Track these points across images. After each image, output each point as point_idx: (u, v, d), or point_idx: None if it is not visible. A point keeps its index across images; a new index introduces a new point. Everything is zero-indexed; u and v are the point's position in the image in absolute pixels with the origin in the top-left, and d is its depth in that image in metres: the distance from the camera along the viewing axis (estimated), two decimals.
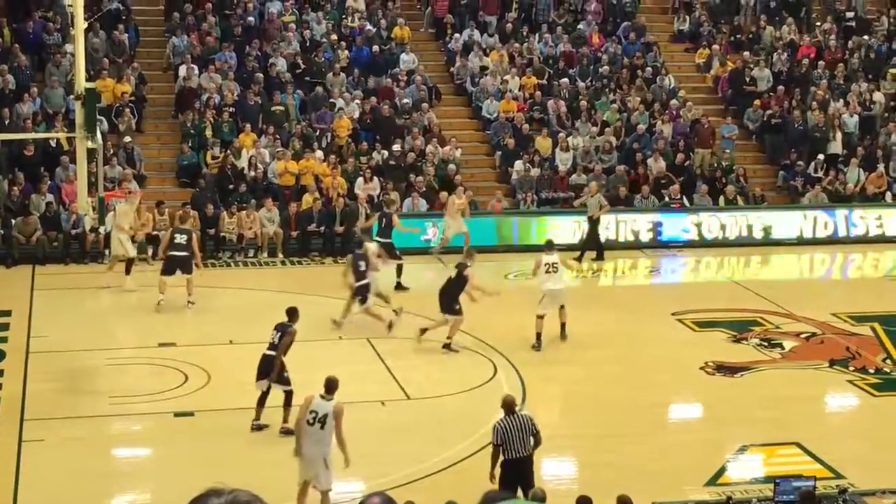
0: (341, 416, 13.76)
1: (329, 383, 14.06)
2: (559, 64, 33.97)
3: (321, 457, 13.77)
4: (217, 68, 31.27)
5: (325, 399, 13.85)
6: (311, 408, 13.86)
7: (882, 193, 31.28)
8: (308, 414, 13.84)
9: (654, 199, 29.80)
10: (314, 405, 13.86)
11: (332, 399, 13.85)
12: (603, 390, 19.02)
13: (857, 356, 20.84)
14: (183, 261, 22.55)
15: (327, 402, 13.81)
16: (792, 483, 13.32)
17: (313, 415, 13.79)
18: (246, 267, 26.66)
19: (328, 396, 13.88)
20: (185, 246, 22.58)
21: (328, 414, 13.70)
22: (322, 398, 13.87)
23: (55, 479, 15.29)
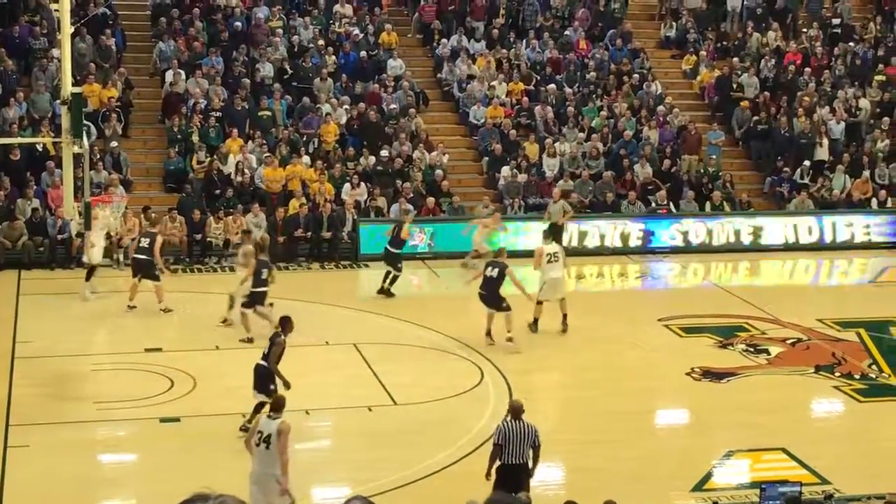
0: (287, 434, 13.22)
1: (276, 402, 13.71)
2: (546, 70, 34.01)
3: (272, 478, 13.26)
4: (204, 73, 31.23)
5: (271, 418, 13.39)
6: (258, 428, 13.44)
7: (868, 200, 31.37)
8: (255, 434, 13.41)
9: (640, 205, 29.85)
10: (261, 425, 13.44)
11: (278, 418, 13.37)
12: (589, 396, 19.03)
13: (843, 362, 20.89)
14: (144, 264, 22.50)
15: (272, 420, 13.34)
16: (778, 488, 13.34)
17: (259, 435, 13.32)
18: (233, 272, 26.55)
19: (274, 415, 13.41)
20: (148, 249, 22.50)
21: (272, 434, 13.20)
22: (269, 417, 13.45)
23: (40, 485, 15.24)
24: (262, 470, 13.32)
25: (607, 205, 29.66)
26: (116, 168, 28.44)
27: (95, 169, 27.04)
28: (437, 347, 21.15)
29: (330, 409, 18.35)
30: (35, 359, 19.95)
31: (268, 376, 16.34)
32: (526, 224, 28.39)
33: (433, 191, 29.19)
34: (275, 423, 13.33)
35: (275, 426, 13.27)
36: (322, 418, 18.02)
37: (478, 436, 16.40)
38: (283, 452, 13.24)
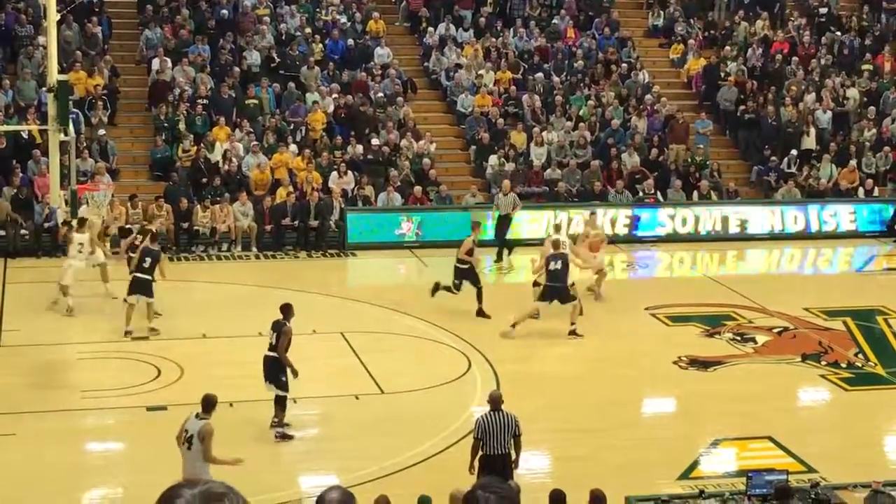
0: (209, 437, 12.97)
1: (205, 401, 13.40)
2: (534, 58, 33.99)
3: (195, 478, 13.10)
4: (190, 61, 31.14)
5: (199, 418, 13.13)
6: (184, 426, 13.21)
7: (855, 189, 31.42)
8: (182, 431, 13.18)
9: (628, 194, 29.86)
10: (187, 423, 13.18)
11: (205, 419, 13.11)
12: (576, 385, 19.05)
13: (830, 351, 20.94)
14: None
15: (199, 421, 13.08)
16: (764, 477, 13.37)
17: (184, 433, 13.10)
18: (220, 261, 26.58)
19: (202, 415, 13.16)
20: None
21: (194, 435, 12.97)
22: (196, 417, 13.17)
23: (27, 474, 15.21)
24: (187, 469, 13.09)
25: (595, 194, 29.66)
26: (103, 156, 28.35)
27: (81, 157, 26.96)
28: (425, 336, 21.15)
29: (317, 397, 18.33)
30: (21, 347, 19.91)
31: (278, 367, 16.25)
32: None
33: (420, 179, 29.16)
34: (200, 423, 13.06)
35: (198, 427, 13.00)
36: (309, 407, 18.01)
37: (465, 425, 16.40)
38: (207, 457, 12.94)
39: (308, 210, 27.60)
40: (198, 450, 13.00)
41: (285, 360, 16.30)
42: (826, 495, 13.39)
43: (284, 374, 16.22)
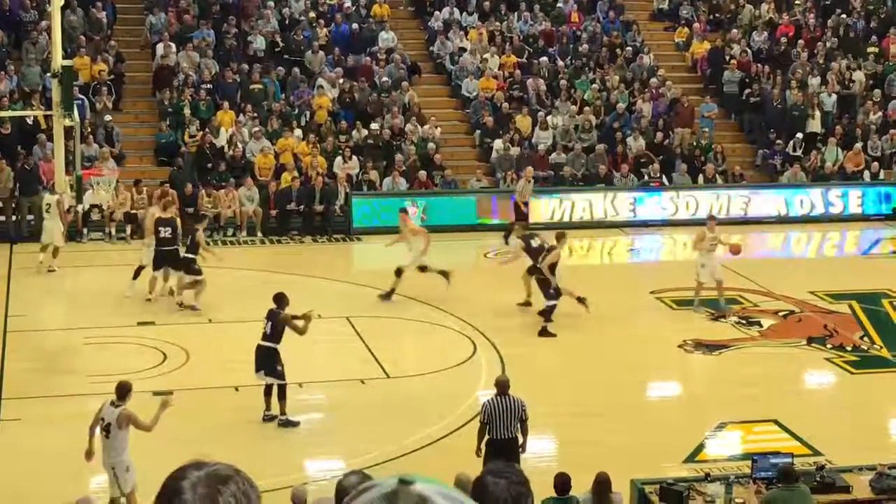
0: (130, 422, 12.96)
1: (119, 389, 13.29)
2: (539, 42, 33.92)
3: (111, 466, 13.04)
4: (195, 46, 31.11)
5: (114, 406, 13.05)
6: (100, 414, 13.12)
7: (860, 172, 31.37)
8: (98, 420, 13.11)
9: (633, 177, 29.83)
10: (103, 411, 13.10)
11: (121, 405, 13.03)
12: (581, 368, 19.06)
13: (835, 334, 20.93)
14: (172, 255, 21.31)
15: (115, 408, 13.00)
16: (770, 460, 13.37)
17: (101, 422, 13.05)
18: (225, 246, 26.58)
19: (118, 403, 13.07)
20: (171, 239, 21.33)
21: (112, 423, 12.92)
22: (112, 405, 13.09)
23: (33, 458, 15.25)
24: (103, 456, 13.12)
25: (600, 177, 29.63)
26: (108, 142, 28.35)
27: (86, 142, 26.96)
28: (430, 321, 21.16)
29: (322, 382, 18.37)
30: (27, 332, 19.94)
31: (272, 357, 16.21)
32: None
33: (425, 164, 29.13)
34: (116, 411, 13.00)
35: (116, 415, 12.95)
36: (314, 391, 18.06)
37: (470, 409, 16.43)
38: (147, 429, 13.06)
39: (313, 195, 27.59)
40: (115, 437, 12.99)
41: (295, 325, 16.24)
42: (831, 478, 13.40)
43: (280, 364, 16.16)
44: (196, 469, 2.60)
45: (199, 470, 2.59)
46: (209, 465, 2.62)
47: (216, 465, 2.62)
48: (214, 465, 2.62)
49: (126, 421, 12.99)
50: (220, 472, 2.59)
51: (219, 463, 2.63)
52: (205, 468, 2.60)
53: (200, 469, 2.60)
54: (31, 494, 14.05)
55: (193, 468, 2.60)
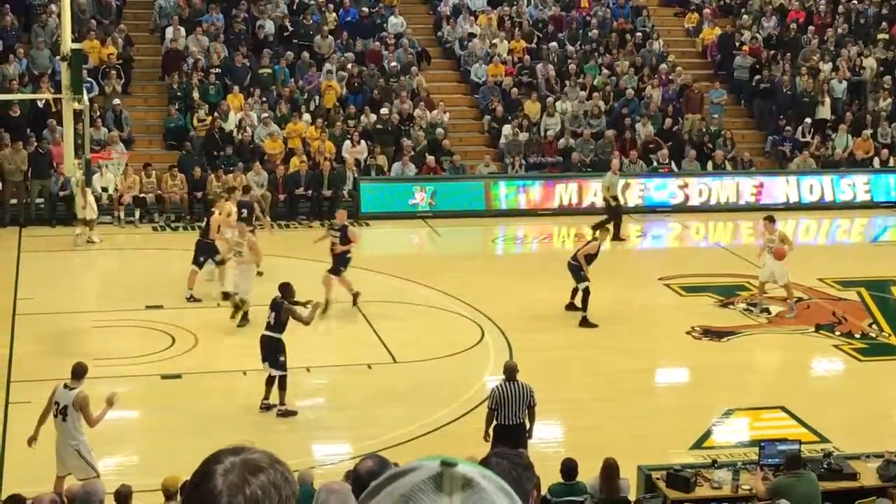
0: (86, 405, 12.86)
1: (74, 370, 13.21)
2: (548, 28, 33.85)
3: (72, 449, 12.93)
4: (204, 30, 31.10)
5: (68, 388, 12.94)
6: (54, 398, 12.98)
7: (870, 159, 31.30)
8: (52, 404, 12.96)
9: (642, 163, 29.78)
10: (57, 395, 12.96)
11: (75, 388, 12.92)
12: (589, 355, 19.05)
13: (843, 321, 20.91)
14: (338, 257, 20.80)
15: (69, 391, 12.89)
16: (777, 446, 13.37)
17: (56, 405, 12.89)
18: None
19: (72, 384, 12.96)
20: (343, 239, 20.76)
21: (68, 406, 12.82)
22: (65, 387, 12.97)
23: (42, 442, 15.26)
24: (61, 441, 12.99)
25: (609, 163, 29.55)
26: (117, 125, 28.35)
27: (95, 126, 26.98)
28: (438, 306, 21.18)
29: (330, 366, 18.40)
30: (36, 315, 19.97)
31: (275, 347, 16.20)
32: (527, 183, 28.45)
33: (434, 149, 29.11)
34: (71, 393, 12.89)
35: (71, 397, 12.84)
36: (322, 376, 18.09)
37: (477, 394, 16.45)
38: (90, 423, 12.88)
39: (321, 180, 27.58)
40: (73, 419, 12.88)
41: (300, 315, 16.18)
42: (838, 465, 13.40)
43: (283, 355, 16.11)
44: (233, 454, 2.60)
45: (235, 455, 2.59)
46: (247, 451, 2.61)
47: (255, 453, 2.61)
48: (252, 453, 2.61)
49: (85, 403, 12.88)
50: (255, 460, 2.59)
51: (258, 451, 2.62)
52: (242, 454, 2.60)
53: (237, 455, 2.59)
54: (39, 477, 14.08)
55: (231, 453, 2.60)
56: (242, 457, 2.58)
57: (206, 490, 2.52)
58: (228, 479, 2.51)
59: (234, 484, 2.51)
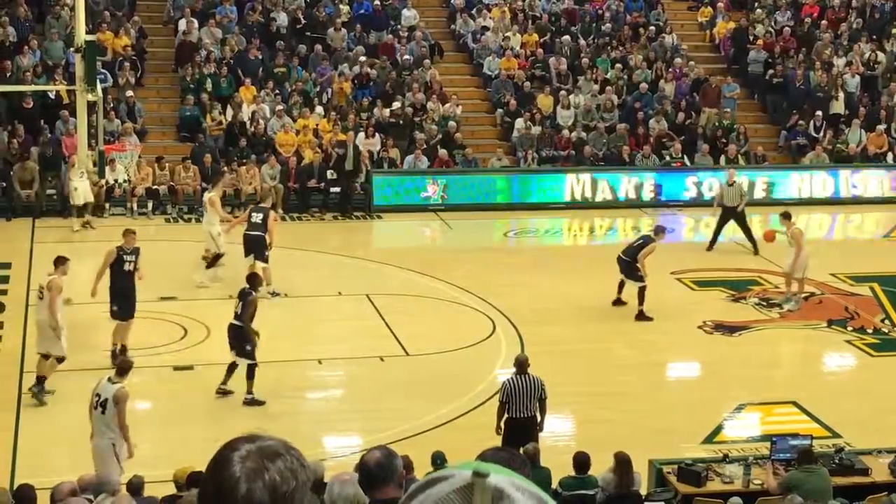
0: (124, 402, 12.99)
1: (119, 366, 13.45)
2: (561, 21, 33.81)
3: (108, 442, 13.07)
4: (217, 22, 31.12)
5: (112, 382, 13.10)
6: (96, 390, 13.15)
7: (883, 154, 31.21)
8: (93, 396, 13.12)
9: (655, 158, 29.73)
10: (99, 387, 13.12)
11: (118, 382, 13.10)
12: (601, 348, 19.06)
13: (856, 316, 20.87)
14: (256, 241, 20.58)
15: (112, 385, 13.06)
16: (788, 441, 13.38)
17: (97, 398, 13.05)
18: None
19: (115, 379, 13.13)
20: (261, 225, 20.62)
21: (109, 399, 12.96)
22: (109, 381, 13.14)
23: (54, 431, 15.35)
24: (98, 433, 13.14)
25: (621, 158, 29.54)
26: (131, 117, 28.39)
27: (108, 118, 27.01)
28: (450, 299, 21.18)
29: (342, 358, 18.43)
30: None
31: (243, 336, 16.23)
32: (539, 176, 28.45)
33: (446, 142, 29.09)
34: (114, 387, 13.04)
35: (112, 391, 13.00)
36: (334, 368, 18.13)
37: (489, 387, 16.46)
38: (121, 423, 13.02)
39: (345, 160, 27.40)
40: (111, 413, 13.02)
41: (249, 329, 16.23)
42: (850, 460, 13.39)
43: (250, 344, 16.14)
44: (249, 442, 2.61)
45: (251, 443, 2.61)
46: (262, 438, 2.63)
47: (269, 440, 2.63)
48: (268, 440, 2.63)
49: (122, 399, 13.01)
50: (272, 447, 2.61)
51: (272, 438, 2.65)
52: (257, 441, 2.62)
53: (253, 442, 2.61)
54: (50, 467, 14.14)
55: (246, 441, 2.62)
56: (258, 444, 2.60)
57: (223, 476, 2.53)
58: (246, 465, 2.53)
59: (253, 470, 2.53)
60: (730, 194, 24.90)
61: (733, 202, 24.80)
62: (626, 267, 20.29)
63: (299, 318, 20.04)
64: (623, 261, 20.34)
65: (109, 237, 24.06)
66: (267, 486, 2.52)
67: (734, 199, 24.82)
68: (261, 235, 20.49)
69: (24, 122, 27.39)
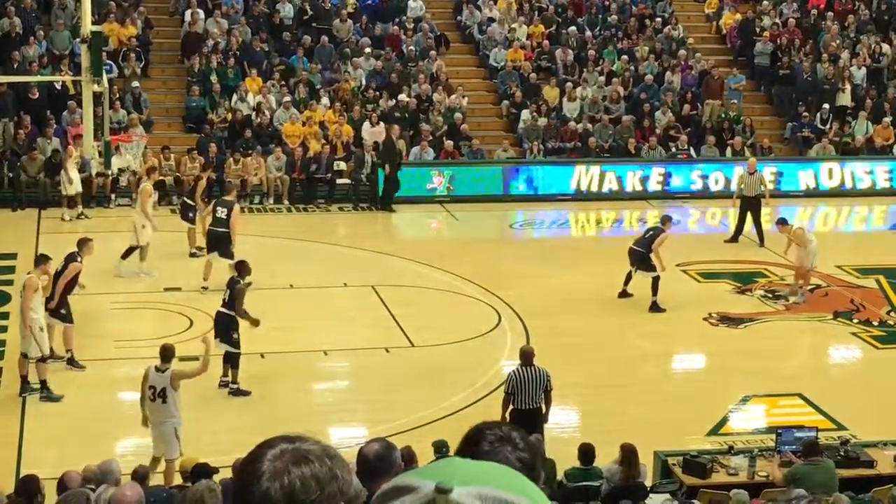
0: (179, 378, 13.41)
1: (163, 352, 13.62)
2: (567, 12, 33.76)
3: (170, 427, 13.33)
4: (223, 13, 31.11)
5: (160, 371, 13.37)
6: (148, 382, 13.39)
7: (890, 146, 31.16)
8: (147, 389, 13.37)
9: (661, 150, 29.69)
10: (151, 379, 13.37)
11: (167, 369, 13.35)
12: (607, 340, 19.06)
13: (862, 308, 20.85)
14: (219, 237, 20.36)
15: (162, 374, 13.33)
16: (794, 433, 13.38)
17: (152, 390, 13.32)
18: (252, 213, 26.62)
19: (162, 367, 13.39)
20: (225, 221, 20.35)
21: (166, 387, 13.25)
22: (157, 370, 13.39)
23: (60, 422, 15.38)
24: (159, 421, 13.38)
25: (627, 150, 29.50)
26: (136, 108, 28.40)
27: (113, 108, 27.01)
28: (455, 290, 21.18)
29: (348, 350, 18.44)
30: None
31: (229, 324, 16.24)
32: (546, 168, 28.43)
33: (452, 134, 29.07)
34: (165, 375, 13.29)
35: (167, 379, 13.25)
36: (340, 359, 18.14)
37: (494, 378, 16.47)
38: (196, 374, 13.72)
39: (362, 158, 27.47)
40: (172, 398, 13.29)
41: (244, 314, 16.25)
42: (855, 452, 13.39)
43: (236, 332, 16.16)
44: (287, 442, 2.61)
45: (289, 443, 2.61)
46: (303, 440, 2.63)
47: (311, 444, 2.62)
48: (309, 443, 2.62)
49: (181, 376, 13.38)
50: (305, 451, 2.60)
51: (314, 442, 2.63)
52: (297, 443, 2.61)
53: (292, 443, 2.61)
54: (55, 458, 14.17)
55: (284, 440, 2.62)
56: (295, 445, 2.59)
57: (251, 470, 2.55)
58: (273, 464, 2.54)
59: (276, 470, 2.53)
60: (750, 183, 24.94)
61: (753, 191, 24.84)
62: (638, 258, 20.30)
63: (305, 310, 20.03)
64: (636, 252, 20.35)
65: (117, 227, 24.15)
66: (284, 488, 2.52)
67: (754, 189, 24.87)
68: (225, 232, 20.32)
69: (31, 113, 27.41)
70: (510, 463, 2.91)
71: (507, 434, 3.06)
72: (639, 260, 20.30)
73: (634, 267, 20.37)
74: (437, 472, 2.27)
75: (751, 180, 24.97)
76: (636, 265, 20.34)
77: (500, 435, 3.05)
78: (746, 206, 24.80)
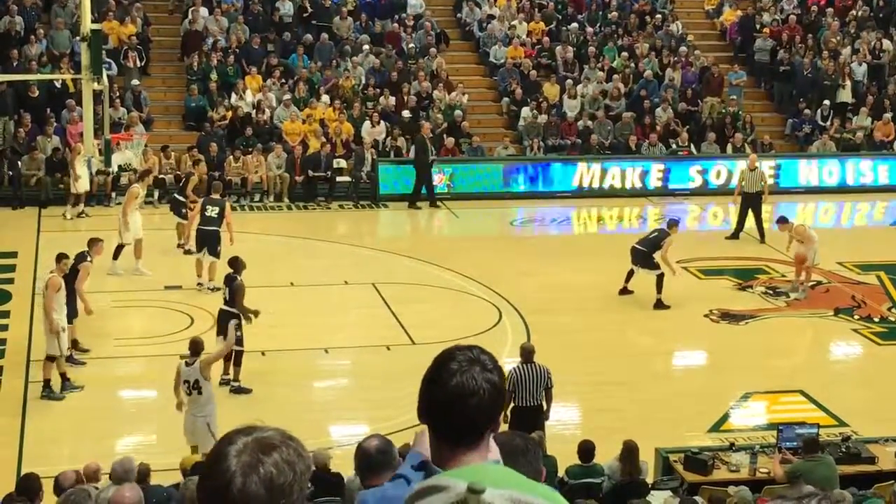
0: (208, 363, 13.60)
1: (192, 346, 13.81)
2: (567, 9, 33.75)
3: (202, 421, 13.50)
4: (223, 11, 31.08)
5: (190, 364, 13.52)
6: (182, 378, 13.59)
7: (890, 142, 31.14)
8: (182, 384, 13.58)
9: (661, 146, 29.67)
10: (184, 374, 13.56)
11: (195, 361, 13.50)
12: (607, 337, 19.05)
13: (863, 305, 20.84)
14: (209, 235, 20.32)
15: (192, 367, 13.49)
16: (795, 430, 13.37)
17: (186, 384, 13.54)
18: (252, 211, 26.63)
19: (192, 360, 13.54)
20: (216, 219, 20.35)
21: (198, 379, 13.44)
22: (187, 365, 13.55)
23: (61, 420, 15.38)
24: (195, 414, 13.56)
25: (628, 146, 29.49)
26: (136, 106, 28.38)
27: (113, 106, 26.98)
28: (456, 288, 21.18)
29: (348, 347, 18.44)
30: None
31: (231, 321, 16.20)
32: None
33: (452, 131, 29.05)
34: (195, 367, 13.46)
35: (197, 370, 13.43)
36: (340, 357, 18.14)
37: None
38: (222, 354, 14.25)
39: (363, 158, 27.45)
40: (206, 389, 13.51)
41: (243, 310, 16.26)
42: (857, 449, 13.38)
43: (240, 329, 16.12)
44: (245, 434, 2.59)
45: (247, 436, 2.59)
46: (259, 430, 2.61)
47: (266, 431, 2.61)
48: (264, 432, 2.61)
49: (207, 367, 13.54)
50: (268, 439, 2.58)
51: (270, 429, 2.62)
52: (254, 434, 2.59)
53: (249, 435, 2.59)
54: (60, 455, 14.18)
55: (243, 433, 2.60)
56: (254, 436, 2.57)
57: (219, 471, 2.52)
58: (241, 459, 2.51)
59: (248, 464, 2.51)
60: (751, 179, 24.93)
61: (754, 187, 24.81)
62: (641, 257, 20.28)
63: (306, 307, 20.03)
64: (639, 251, 20.33)
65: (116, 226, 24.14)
66: (262, 479, 2.51)
67: (755, 185, 24.85)
68: (215, 230, 20.25)
69: (31, 112, 27.40)
70: (478, 384, 3.00)
71: (476, 356, 3.13)
72: (641, 259, 20.30)
73: (637, 265, 20.36)
74: (468, 474, 2.28)
75: (752, 176, 24.96)
76: (638, 264, 20.33)
77: (471, 357, 3.13)
78: (747, 203, 24.78)
